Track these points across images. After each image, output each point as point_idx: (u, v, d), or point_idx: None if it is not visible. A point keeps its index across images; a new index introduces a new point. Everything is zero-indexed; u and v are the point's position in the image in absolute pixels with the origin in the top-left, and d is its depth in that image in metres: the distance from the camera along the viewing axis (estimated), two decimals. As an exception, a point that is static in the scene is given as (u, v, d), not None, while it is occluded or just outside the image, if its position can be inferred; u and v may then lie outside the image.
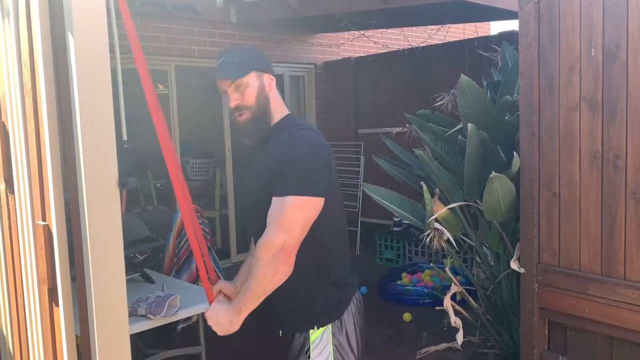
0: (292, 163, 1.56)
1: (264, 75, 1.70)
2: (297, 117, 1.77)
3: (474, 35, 6.74)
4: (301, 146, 1.59)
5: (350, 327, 1.69)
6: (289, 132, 1.63)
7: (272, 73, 1.73)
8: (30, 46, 1.50)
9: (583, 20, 2.36)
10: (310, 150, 1.59)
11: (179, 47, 5.30)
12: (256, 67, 1.68)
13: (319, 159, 1.60)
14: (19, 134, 1.68)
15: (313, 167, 1.57)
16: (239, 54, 1.70)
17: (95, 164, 1.37)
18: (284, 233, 1.52)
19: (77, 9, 1.34)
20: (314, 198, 1.55)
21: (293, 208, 1.53)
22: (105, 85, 1.39)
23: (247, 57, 1.69)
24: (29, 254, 1.69)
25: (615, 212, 2.30)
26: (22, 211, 1.74)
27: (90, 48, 1.36)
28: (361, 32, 6.30)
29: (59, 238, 1.47)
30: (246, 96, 1.67)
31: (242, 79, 1.66)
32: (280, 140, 1.63)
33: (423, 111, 3.57)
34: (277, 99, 1.73)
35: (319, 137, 1.65)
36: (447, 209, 2.99)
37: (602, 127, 2.32)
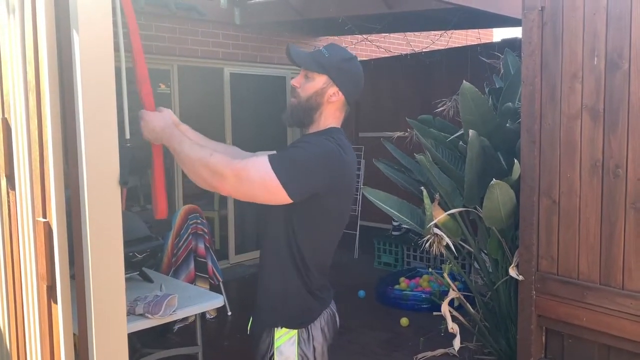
0: (294, 148, 1.56)
1: (333, 86, 1.65)
2: (339, 131, 1.71)
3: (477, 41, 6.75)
4: (312, 145, 1.57)
5: (317, 343, 1.68)
6: (316, 135, 1.65)
7: (345, 92, 1.67)
8: (35, 43, 1.50)
9: (586, 29, 2.36)
10: (317, 153, 1.56)
11: (182, 47, 5.31)
12: (333, 74, 1.65)
13: (320, 162, 1.56)
14: (22, 130, 1.68)
15: (307, 166, 1.54)
16: (333, 54, 1.67)
17: (97, 162, 1.37)
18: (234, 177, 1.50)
19: (82, 7, 1.34)
20: (281, 186, 1.50)
21: (259, 175, 1.50)
22: (109, 83, 1.39)
23: (335, 61, 1.66)
24: (28, 251, 1.69)
25: (614, 221, 2.31)
26: (22, 207, 1.74)
27: (95, 46, 1.37)
28: (364, 36, 6.31)
29: (59, 235, 1.47)
30: (305, 87, 1.66)
31: (313, 72, 1.65)
32: (306, 138, 1.65)
33: (424, 116, 3.57)
34: (332, 115, 1.69)
35: (338, 150, 1.60)
36: (447, 214, 2.99)
37: (603, 136, 2.33)
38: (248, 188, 1.51)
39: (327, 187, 1.57)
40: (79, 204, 1.39)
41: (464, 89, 2.89)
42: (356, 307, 4.53)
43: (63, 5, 1.41)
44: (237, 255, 6.01)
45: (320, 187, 1.56)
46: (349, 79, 1.68)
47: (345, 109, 1.72)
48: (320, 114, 1.67)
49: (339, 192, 1.63)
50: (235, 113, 5.94)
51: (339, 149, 1.60)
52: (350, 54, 1.73)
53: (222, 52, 5.69)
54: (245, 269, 5.82)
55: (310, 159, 1.54)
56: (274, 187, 1.49)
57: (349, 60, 1.70)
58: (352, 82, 1.69)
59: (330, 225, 1.68)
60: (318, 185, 1.55)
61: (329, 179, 1.57)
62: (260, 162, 1.51)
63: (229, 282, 5.08)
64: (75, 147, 1.39)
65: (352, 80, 1.69)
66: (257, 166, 1.50)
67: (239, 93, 5.95)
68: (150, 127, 1.61)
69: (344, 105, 1.71)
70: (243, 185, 1.51)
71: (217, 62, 5.73)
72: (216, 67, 5.76)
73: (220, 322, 4.38)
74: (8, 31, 1.76)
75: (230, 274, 5.46)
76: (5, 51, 1.80)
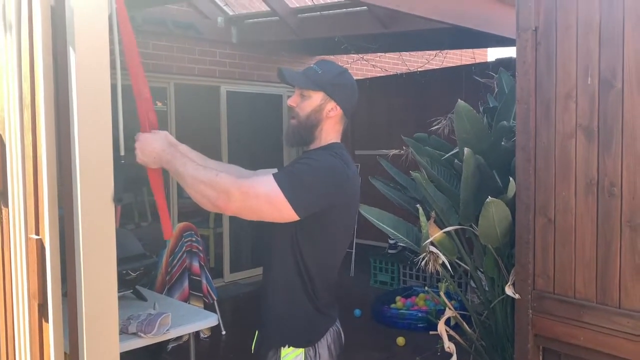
0: (299, 165, 1.56)
1: (331, 101, 1.67)
2: (341, 146, 1.73)
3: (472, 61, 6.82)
4: (317, 161, 1.58)
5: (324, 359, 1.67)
6: (319, 150, 1.66)
7: (342, 105, 1.69)
8: (31, 60, 1.50)
9: (579, 48, 2.39)
10: (322, 169, 1.57)
11: (179, 65, 5.34)
12: (329, 90, 1.67)
13: (325, 178, 1.56)
14: (16, 146, 1.68)
15: (312, 182, 1.55)
16: (325, 70, 1.69)
17: (91, 178, 1.36)
18: (241, 195, 1.49)
19: (79, 25, 1.35)
20: (287, 203, 1.50)
21: (265, 192, 1.50)
22: (105, 100, 1.39)
23: (329, 77, 1.68)
24: (20, 268, 1.67)
25: (610, 239, 2.30)
26: (15, 224, 1.73)
27: (91, 63, 1.37)
28: (360, 55, 6.37)
29: (51, 252, 1.46)
30: (303, 106, 1.68)
31: (308, 90, 1.67)
32: (309, 154, 1.66)
33: (420, 134, 3.59)
34: (332, 129, 1.71)
35: (342, 166, 1.61)
36: (443, 232, 2.98)
37: (597, 155, 2.34)
38: (255, 206, 1.51)
39: (333, 202, 1.58)
40: (72, 221, 1.38)
41: (458, 108, 2.90)
42: (352, 326, 4.50)
43: (60, 22, 1.42)
44: (232, 274, 5.97)
45: (326, 202, 1.56)
46: (344, 92, 1.70)
47: (343, 121, 1.74)
48: (321, 130, 1.69)
49: (343, 206, 1.64)
50: (232, 131, 5.95)
51: (342, 164, 1.62)
52: (342, 67, 1.75)
53: (219, 70, 5.72)
54: (240, 287, 5.78)
55: (316, 175, 1.55)
56: (280, 203, 1.49)
57: (342, 74, 1.72)
58: (347, 95, 1.71)
59: (336, 240, 1.68)
60: (323, 200, 1.56)
61: (334, 194, 1.58)
62: (266, 179, 1.51)
63: (224, 300, 5.04)
64: (70, 163, 1.39)
65: (348, 93, 1.71)
66: (263, 184, 1.51)
67: (235, 111, 5.97)
68: (149, 149, 1.57)
69: (343, 118, 1.72)
70: (250, 203, 1.50)
71: (214, 81, 5.76)
72: (213, 85, 5.79)
73: (214, 341, 4.34)
74: (4, 47, 1.77)
75: (224, 292, 5.42)
76: (1, 67, 1.80)
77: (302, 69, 1.76)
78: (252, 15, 5.60)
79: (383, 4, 3.10)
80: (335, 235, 1.66)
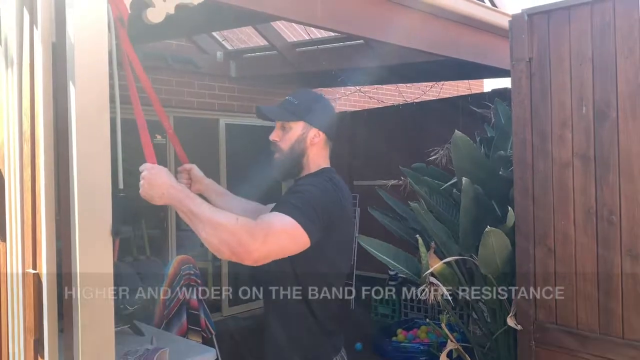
0: (298, 194, 1.56)
1: (312, 129, 1.68)
2: (332, 171, 1.74)
3: (468, 91, 6.90)
4: (312, 187, 1.59)
5: None
6: (310, 177, 1.67)
7: (324, 129, 1.70)
8: (32, 94, 1.52)
9: (574, 79, 2.42)
10: (318, 194, 1.57)
11: (178, 99, 5.39)
12: (308, 118, 1.68)
13: (322, 203, 1.56)
14: (15, 180, 1.68)
15: (314, 207, 1.54)
16: (301, 99, 1.71)
17: (90, 212, 1.36)
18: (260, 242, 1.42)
19: (79, 61, 1.37)
20: (303, 231, 1.48)
21: (282, 226, 1.47)
22: (104, 135, 1.40)
23: (306, 105, 1.69)
24: (16, 302, 1.66)
25: (611, 268, 2.29)
26: (12, 258, 1.71)
27: (91, 98, 1.38)
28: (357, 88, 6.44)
29: (48, 287, 1.44)
30: (284, 139, 1.69)
31: (289, 122, 1.68)
32: (297, 183, 1.67)
33: (418, 164, 3.60)
34: (319, 154, 1.72)
35: (335, 189, 1.62)
36: (443, 263, 2.96)
37: (595, 184, 2.35)
38: (277, 247, 1.46)
39: (332, 224, 1.58)
40: (69, 255, 1.38)
41: (456, 138, 2.92)
42: None
43: (61, 57, 1.44)
44: (231, 308, 5.90)
45: (327, 225, 1.56)
46: (324, 117, 1.72)
47: (329, 145, 1.75)
48: (308, 158, 1.70)
49: (341, 229, 1.64)
50: (231, 162, 5.98)
51: (335, 187, 1.63)
52: (317, 93, 1.78)
53: (218, 103, 5.78)
54: (239, 321, 5.70)
55: (316, 200, 1.55)
56: (298, 234, 1.48)
57: (318, 99, 1.74)
58: (327, 119, 1.73)
59: (336, 264, 1.67)
60: (325, 223, 1.55)
61: (332, 217, 1.58)
62: (277, 217, 1.48)
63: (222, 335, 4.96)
64: (68, 197, 1.39)
65: (328, 117, 1.73)
66: (275, 220, 1.48)
67: (234, 143, 6.01)
68: (159, 182, 1.44)
69: (327, 142, 1.74)
70: (272, 246, 1.45)
71: (213, 114, 5.81)
72: (212, 118, 5.83)
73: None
74: (5, 82, 1.79)
75: (223, 326, 5.34)
76: (2, 102, 1.82)
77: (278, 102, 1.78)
78: (251, 49, 5.68)
79: (379, 38, 3.16)
80: (335, 257, 1.66)
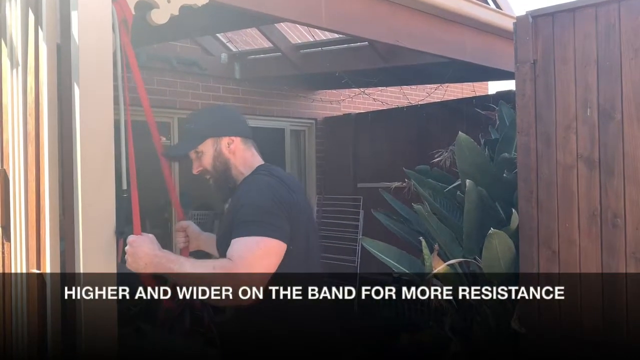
0: (246, 206, 1.53)
1: (222, 139, 1.67)
2: (268, 166, 1.72)
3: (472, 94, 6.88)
4: (252, 191, 1.57)
5: None
6: (247, 179, 1.64)
7: (234, 134, 1.68)
8: (37, 96, 1.53)
9: (578, 81, 2.41)
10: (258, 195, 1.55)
11: (183, 101, 5.40)
12: (212, 133, 1.66)
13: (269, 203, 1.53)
14: (20, 181, 1.69)
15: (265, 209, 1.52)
16: (196, 121, 1.70)
17: (93, 212, 1.37)
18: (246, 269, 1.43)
19: (84, 62, 1.38)
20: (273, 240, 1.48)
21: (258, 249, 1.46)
22: (108, 136, 1.41)
23: (204, 124, 1.68)
24: (20, 302, 1.66)
25: (615, 271, 2.28)
26: (17, 259, 1.72)
27: (96, 99, 1.39)
28: (361, 90, 6.44)
29: (52, 287, 1.45)
30: (203, 163, 1.67)
31: (198, 147, 1.66)
32: (239, 190, 1.64)
33: (422, 167, 3.59)
34: (244, 157, 1.70)
35: (272, 180, 1.60)
36: (446, 265, 2.95)
37: (599, 186, 2.33)
38: (260, 270, 1.46)
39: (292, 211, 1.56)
40: (73, 254, 1.38)
41: (459, 140, 2.92)
42: (356, 362, 4.41)
43: (65, 59, 1.44)
44: (235, 308, 5.90)
45: (290, 214, 1.54)
46: (226, 122, 1.71)
47: (250, 143, 1.74)
48: (235, 166, 1.69)
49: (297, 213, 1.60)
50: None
51: (275, 178, 1.61)
52: (208, 107, 1.78)
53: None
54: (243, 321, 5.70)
55: (264, 202, 1.52)
56: (271, 246, 1.47)
57: (212, 111, 1.77)
58: (231, 123, 1.72)
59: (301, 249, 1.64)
60: (287, 214, 1.54)
61: (289, 206, 1.56)
62: (241, 244, 1.47)
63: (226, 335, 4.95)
64: (72, 197, 1.39)
65: (230, 121, 1.72)
66: (244, 249, 1.46)
67: (238, 145, 6.02)
68: (141, 253, 1.44)
69: (246, 142, 1.72)
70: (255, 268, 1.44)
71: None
72: (216, 119, 5.85)
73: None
74: (10, 83, 1.80)
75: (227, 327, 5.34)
76: (7, 103, 1.83)
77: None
78: (255, 51, 5.69)
79: (383, 39, 3.16)
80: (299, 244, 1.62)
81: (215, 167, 1.67)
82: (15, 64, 1.76)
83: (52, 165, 1.45)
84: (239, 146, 1.70)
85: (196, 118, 1.73)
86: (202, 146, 1.66)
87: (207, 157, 1.67)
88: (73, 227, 1.38)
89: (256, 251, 1.47)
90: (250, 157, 1.72)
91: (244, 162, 1.70)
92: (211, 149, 1.66)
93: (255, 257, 1.46)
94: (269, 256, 1.48)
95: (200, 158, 1.67)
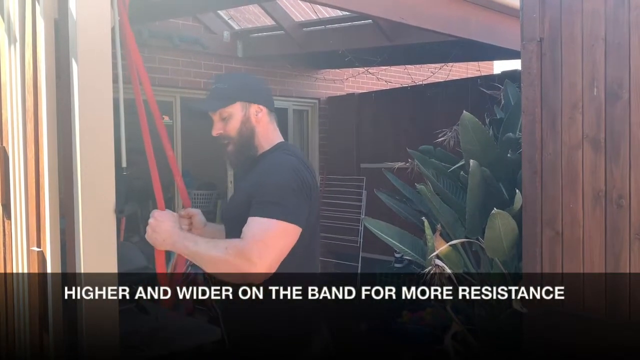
0: (268, 185, 1.51)
1: (252, 105, 1.63)
2: (289, 144, 1.72)
3: (477, 73, 6.81)
4: (277, 167, 1.55)
5: None
6: (271, 157, 1.61)
7: (263, 103, 1.65)
8: (35, 73, 1.51)
9: (585, 59, 2.37)
10: (283, 174, 1.53)
11: (185, 79, 5.36)
12: (243, 97, 1.62)
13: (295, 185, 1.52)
14: (19, 159, 1.68)
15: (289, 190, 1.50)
16: (229, 82, 1.66)
17: (93, 191, 1.36)
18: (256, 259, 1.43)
19: (82, 37, 1.35)
20: (291, 225, 1.47)
21: (274, 231, 1.46)
22: (107, 113, 1.39)
23: (235, 86, 1.64)
24: (21, 279, 1.67)
25: (619, 252, 2.27)
26: (17, 237, 1.72)
27: (94, 76, 1.37)
28: (365, 69, 6.38)
29: (52, 265, 1.45)
30: (229, 127, 1.62)
31: (224, 109, 1.61)
32: (262, 166, 1.60)
33: (425, 147, 3.57)
34: (267, 129, 1.67)
35: (295, 160, 1.59)
36: (449, 245, 2.95)
37: (605, 166, 2.31)
38: (273, 251, 1.45)
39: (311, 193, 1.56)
40: (73, 232, 1.38)
41: (464, 120, 2.89)
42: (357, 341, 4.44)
43: (63, 34, 1.42)
44: (238, 287, 5.95)
45: (308, 195, 1.54)
46: (258, 91, 1.68)
47: (273, 117, 1.70)
48: (259, 137, 1.65)
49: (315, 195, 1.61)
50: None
51: (298, 160, 1.59)
52: (239, 72, 1.76)
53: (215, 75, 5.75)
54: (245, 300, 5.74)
55: (289, 183, 1.50)
56: (288, 229, 1.46)
57: (245, 77, 1.77)
58: (262, 92, 1.69)
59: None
60: (307, 196, 1.53)
61: (310, 188, 1.55)
62: (258, 224, 1.46)
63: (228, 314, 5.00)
64: (71, 175, 1.38)
65: (261, 90, 1.70)
66: (260, 230, 1.45)
67: (241, 124, 5.99)
68: (162, 227, 1.48)
69: (271, 114, 1.69)
70: (268, 255, 1.44)
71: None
72: (218, 98, 5.81)
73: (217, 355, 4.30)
74: (9, 60, 1.78)
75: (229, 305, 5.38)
76: (6, 80, 1.81)
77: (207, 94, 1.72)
78: (258, 29, 5.63)
79: (387, 17, 3.11)
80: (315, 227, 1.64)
81: (241, 133, 1.62)
82: (13, 39, 1.73)
83: (51, 141, 1.44)
84: (265, 117, 1.66)
85: (227, 79, 1.69)
86: (231, 108, 1.61)
87: (234, 121, 1.62)
88: (73, 204, 1.38)
89: (272, 235, 1.45)
90: (272, 131, 1.69)
91: (266, 135, 1.66)
92: (240, 113, 1.62)
93: (271, 240, 1.45)
94: (284, 240, 1.47)
95: (225, 120, 1.62)
